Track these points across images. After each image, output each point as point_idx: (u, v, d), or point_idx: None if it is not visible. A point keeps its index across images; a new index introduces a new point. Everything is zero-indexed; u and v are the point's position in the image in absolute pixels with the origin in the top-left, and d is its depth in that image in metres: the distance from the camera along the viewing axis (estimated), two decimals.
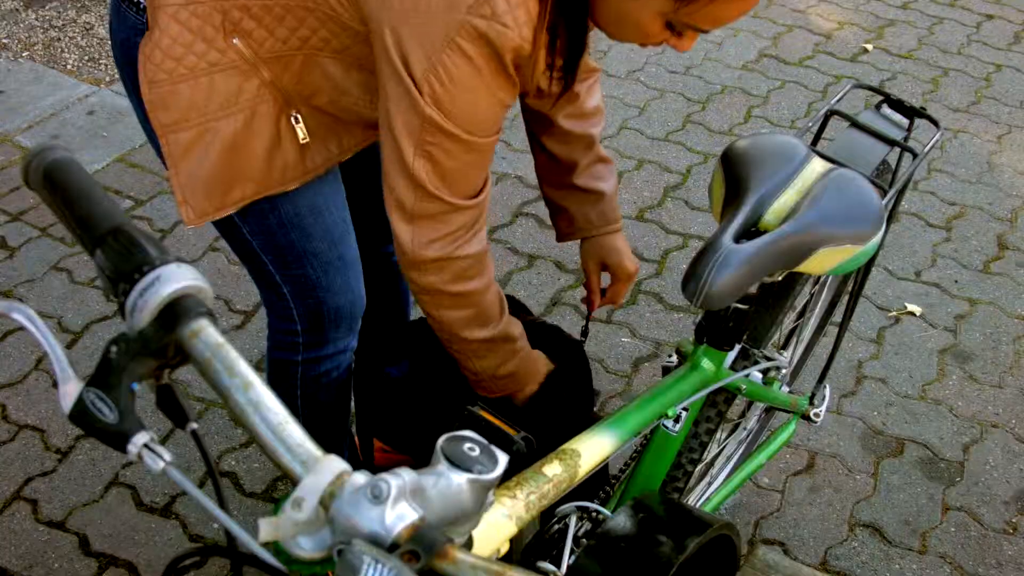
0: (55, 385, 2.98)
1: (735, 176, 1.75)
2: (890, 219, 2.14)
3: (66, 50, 4.50)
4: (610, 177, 2.16)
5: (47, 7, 4.81)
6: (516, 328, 1.90)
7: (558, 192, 2.16)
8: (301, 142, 1.75)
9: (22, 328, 1.10)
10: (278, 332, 2.14)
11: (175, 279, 0.97)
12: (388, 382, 2.20)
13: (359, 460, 2.51)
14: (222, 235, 1.98)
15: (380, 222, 2.29)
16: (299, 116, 1.72)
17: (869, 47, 4.65)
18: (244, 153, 1.73)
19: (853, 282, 2.36)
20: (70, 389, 0.96)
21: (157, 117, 1.70)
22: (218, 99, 1.69)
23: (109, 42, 4.50)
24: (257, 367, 3.01)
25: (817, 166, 1.78)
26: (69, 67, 4.39)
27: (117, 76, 4.29)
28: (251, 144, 1.72)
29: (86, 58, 4.44)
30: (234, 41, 1.65)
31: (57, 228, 3.50)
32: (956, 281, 3.44)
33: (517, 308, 2.23)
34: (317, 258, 1.96)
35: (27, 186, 1.13)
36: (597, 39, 4.49)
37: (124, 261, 1.00)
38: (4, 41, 4.58)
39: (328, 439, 2.30)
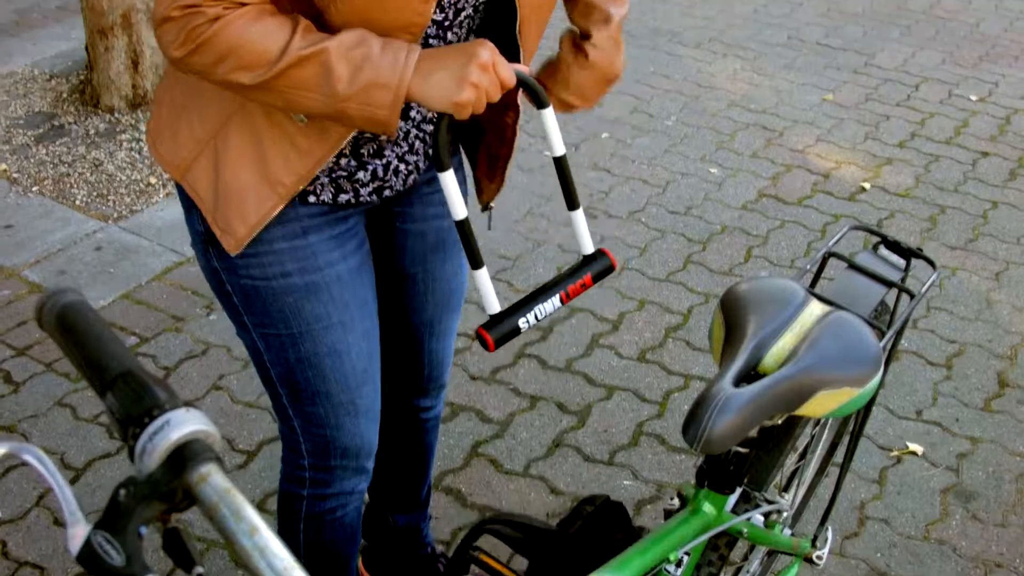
0: (57, 523, 2.98)
1: (734, 320, 1.77)
2: (889, 359, 2.16)
3: (75, 186, 4.56)
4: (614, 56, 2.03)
5: (57, 143, 4.89)
6: (320, 36, 1.61)
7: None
8: (300, 126, 1.73)
9: (25, 464, 1.12)
10: (287, 464, 2.16)
11: (184, 424, 0.99)
12: (394, 530, 2.21)
13: None
14: (252, 360, 2.02)
15: (412, 374, 2.33)
16: None
17: (867, 186, 4.72)
18: (254, 154, 1.76)
19: (854, 423, 2.37)
20: (78, 531, 0.97)
21: (172, 165, 1.82)
22: (211, 115, 1.76)
23: (117, 179, 4.58)
24: (259, 507, 3.01)
25: (815, 309, 1.81)
26: (78, 203, 4.45)
27: (125, 213, 4.36)
28: (257, 142, 1.75)
29: (95, 194, 4.50)
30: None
31: (62, 363, 3.52)
32: (957, 419, 3.45)
33: (617, 517, 2.18)
34: (330, 400, 1.99)
35: (40, 327, 1.15)
36: (599, 180, 4.56)
37: (134, 405, 1.02)
38: (14, 175, 4.64)
39: None
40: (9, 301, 3.83)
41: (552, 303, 1.77)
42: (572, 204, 1.83)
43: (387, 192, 1.94)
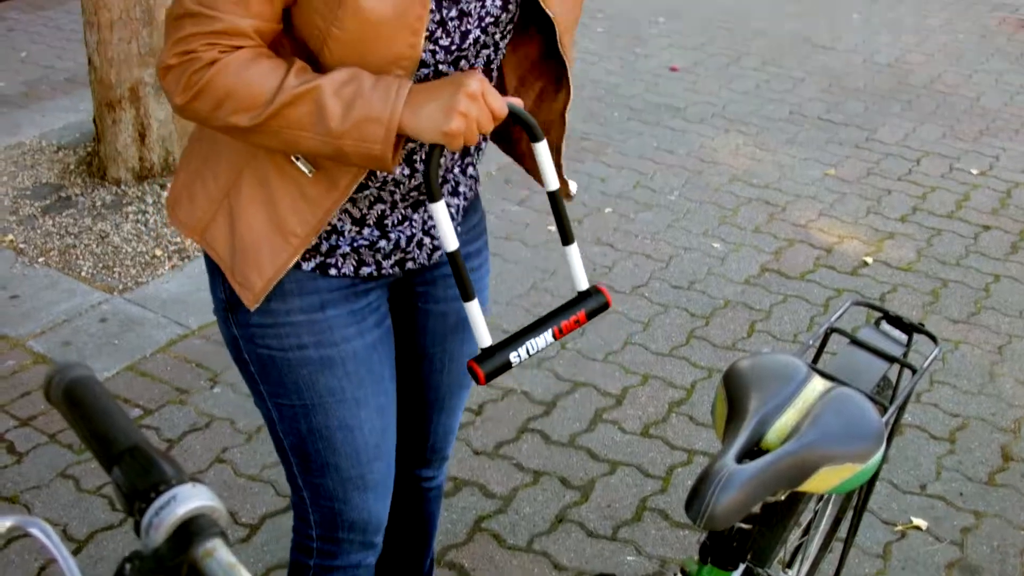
0: None
1: (737, 396, 1.78)
2: (892, 434, 2.16)
3: (81, 257, 4.59)
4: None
5: (64, 214, 4.92)
6: (314, 75, 1.64)
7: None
8: (308, 176, 1.76)
9: (27, 535, 1.12)
10: (297, 532, 2.18)
11: (190, 499, 1.00)
12: None
13: None
14: (267, 428, 2.04)
15: (416, 446, 2.34)
16: (297, 155, 1.75)
17: (869, 260, 4.74)
18: (266, 206, 1.79)
19: (857, 498, 2.37)
20: None
21: (191, 227, 1.86)
22: (223, 172, 1.81)
23: (123, 251, 4.61)
24: None
25: (817, 385, 1.82)
26: (83, 274, 4.47)
27: (130, 284, 4.38)
28: (267, 194, 1.78)
29: (100, 266, 4.52)
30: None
31: (65, 435, 3.52)
32: (961, 493, 3.44)
33: None
34: (339, 473, 2.00)
35: (47, 401, 1.17)
36: (603, 255, 4.57)
37: (141, 479, 1.03)
38: (21, 246, 4.67)
39: None
40: (13, 371, 3.84)
41: (544, 338, 1.77)
42: (566, 240, 1.84)
43: (410, 264, 1.96)
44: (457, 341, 2.19)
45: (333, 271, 1.88)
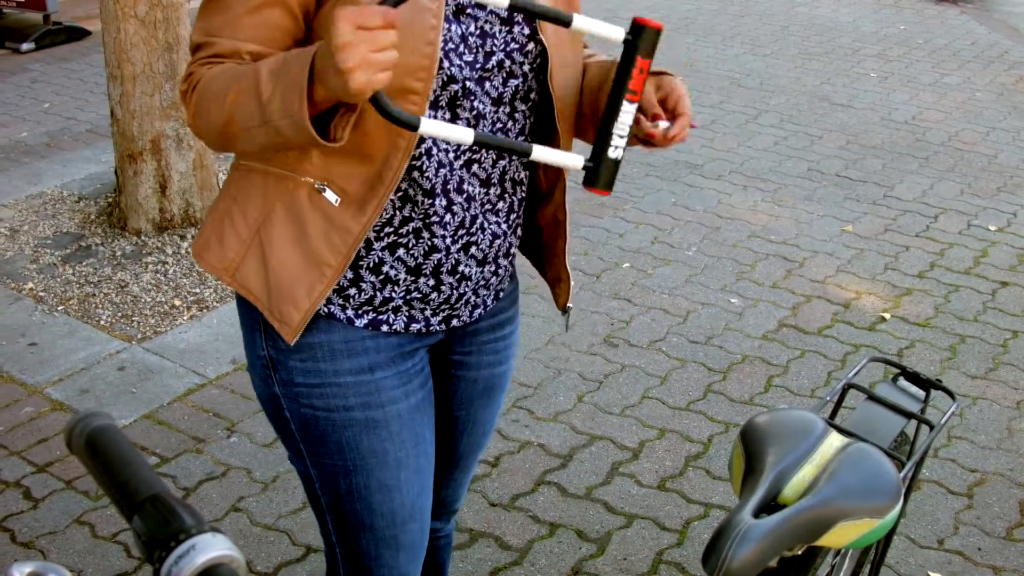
0: None
1: (754, 451, 1.79)
2: (910, 489, 2.16)
3: (100, 306, 4.61)
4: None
5: (84, 263, 4.95)
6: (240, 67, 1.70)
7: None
8: (336, 205, 1.79)
9: None
10: None
11: (210, 549, 1.01)
12: None
13: None
14: (303, 484, 2.06)
15: (433, 496, 2.34)
16: (323, 185, 1.78)
17: (887, 316, 4.73)
18: (298, 239, 1.82)
19: (874, 553, 2.37)
20: None
21: (221, 269, 1.89)
22: (252, 211, 1.84)
23: (142, 300, 4.63)
24: None
25: (835, 441, 1.82)
26: (102, 323, 4.49)
27: (149, 334, 4.40)
28: (299, 228, 1.81)
29: (119, 315, 4.55)
30: (240, 161, 1.88)
31: (82, 481, 3.53)
32: (979, 549, 3.42)
33: None
34: (374, 533, 2.01)
35: (68, 450, 1.18)
36: (621, 309, 4.58)
37: (161, 529, 1.04)
38: (40, 294, 4.70)
39: None
40: (31, 418, 3.86)
41: (627, 112, 1.64)
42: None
43: (455, 322, 1.98)
44: (482, 405, 2.20)
45: (385, 327, 1.90)
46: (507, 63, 1.80)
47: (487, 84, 1.80)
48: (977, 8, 10.12)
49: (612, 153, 1.64)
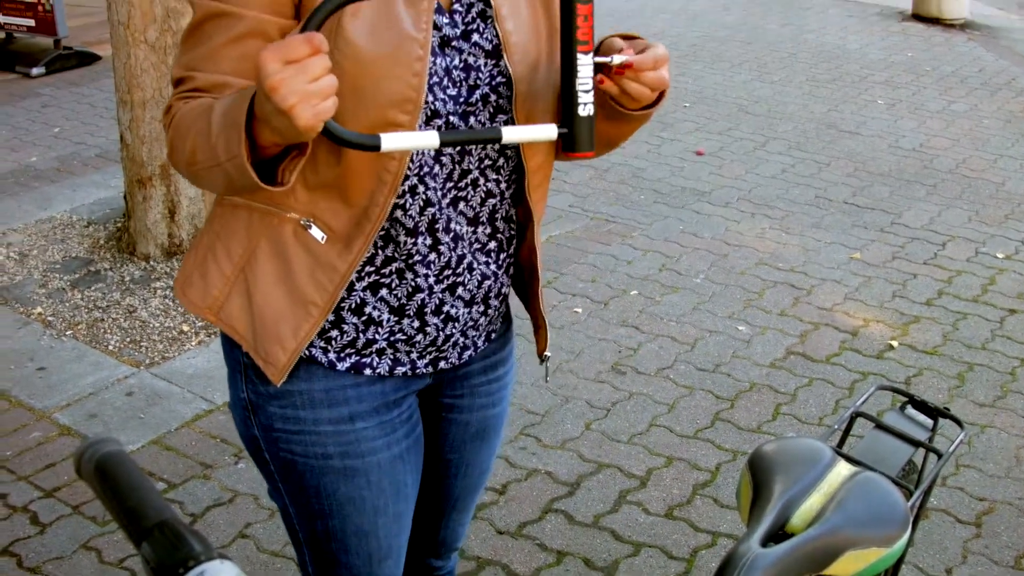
0: None
1: (762, 480, 1.79)
2: (918, 518, 2.15)
3: (108, 331, 4.63)
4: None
5: (93, 288, 4.96)
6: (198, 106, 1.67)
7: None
8: (322, 242, 1.77)
9: None
10: None
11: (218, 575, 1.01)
12: None
13: None
14: (282, 518, 2.05)
15: (428, 539, 2.33)
16: (309, 222, 1.76)
17: (895, 344, 4.73)
18: (284, 278, 1.79)
19: None
20: None
21: (205, 308, 1.86)
22: (236, 248, 1.81)
23: (151, 326, 4.64)
24: None
25: (842, 469, 1.82)
26: (111, 348, 4.50)
27: (157, 359, 4.41)
28: (284, 265, 1.79)
29: (128, 340, 4.55)
30: (225, 197, 1.85)
31: (89, 506, 3.53)
32: None
33: None
34: (349, 570, 2.00)
35: (78, 475, 1.18)
36: (628, 337, 4.58)
37: (169, 555, 1.04)
38: (49, 319, 4.71)
39: None
40: (39, 443, 3.86)
41: (586, 66, 1.56)
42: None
43: (443, 364, 1.95)
44: (476, 447, 2.17)
45: (368, 371, 1.87)
46: (492, 97, 1.77)
47: (472, 119, 1.75)
48: (984, 35, 10.14)
49: (583, 111, 1.57)
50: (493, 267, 1.91)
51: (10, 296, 4.93)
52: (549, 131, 1.58)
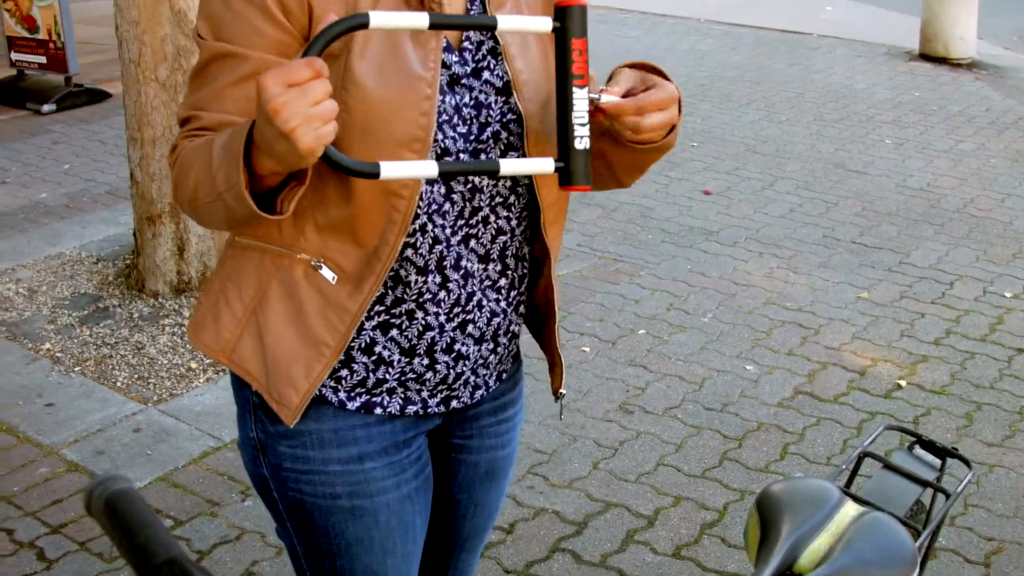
0: None
1: (770, 520, 1.78)
2: (926, 559, 2.15)
3: (117, 367, 4.63)
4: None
5: (101, 324, 4.98)
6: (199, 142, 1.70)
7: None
8: (332, 283, 1.77)
9: None
10: None
11: None
12: None
13: None
14: (289, 557, 2.05)
15: (437, 574, 2.32)
16: (319, 262, 1.77)
17: (903, 383, 4.72)
18: (295, 319, 1.80)
19: None
20: None
21: (217, 350, 1.86)
22: (248, 290, 1.82)
23: (159, 362, 4.65)
24: None
25: (850, 510, 1.82)
26: (119, 384, 4.51)
27: (165, 396, 4.41)
28: (296, 306, 1.79)
29: (136, 376, 4.56)
30: (236, 239, 1.86)
31: (96, 543, 3.53)
32: None
33: None
34: None
35: (87, 512, 1.18)
36: (636, 376, 4.57)
37: None
38: (57, 355, 4.72)
39: None
40: (46, 479, 3.87)
41: (581, 99, 1.57)
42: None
43: (454, 403, 1.95)
44: (485, 488, 2.17)
45: (379, 410, 1.87)
46: (503, 134, 1.78)
47: (482, 156, 1.77)
48: (991, 75, 10.17)
49: (579, 145, 1.57)
50: (503, 304, 1.92)
51: (19, 332, 4.94)
52: (546, 164, 1.59)
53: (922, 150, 7.96)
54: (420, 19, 1.48)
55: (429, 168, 1.51)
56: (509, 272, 1.91)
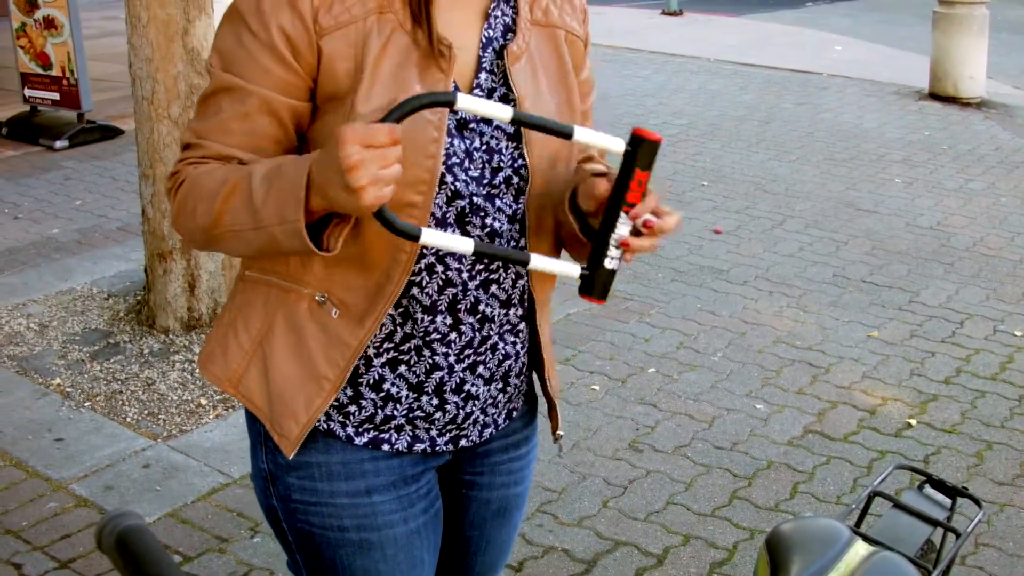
0: None
1: (779, 560, 1.78)
2: None
3: (127, 403, 4.64)
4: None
5: (112, 360, 4.99)
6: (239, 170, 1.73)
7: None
8: (335, 317, 1.80)
9: None
10: None
11: None
12: None
13: None
14: None
15: None
16: (323, 297, 1.79)
17: (913, 422, 4.71)
18: (297, 352, 1.82)
19: None
20: None
21: (225, 380, 1.90)
22: (255, 322, 1.85)
23: (169, 398, 4.65)
24: None
25: (860, 550, 1.82)
26: (128, 420, 4.51)
27: (174, 432, 4.41)
28: (298, 340, 1.82)
29: (145, 412, 4.57)
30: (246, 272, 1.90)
31: None
32: None
33: None
34: None
35: (98, 548, 1.19)
36: (646, 415, 4.57)
37: None
38: (67, 390, 4.73)
39: None
40: (55, 513, 3.87)
41: (623, 225, 1.66)
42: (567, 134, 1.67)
43: (463, 442, 1.96)
44: (496, 525, 2.16)
45: (386, 446, 1.88)
46: (515, 180, 1.80)
47: (498, 201, 1.79)
48: (1001, 114, 10.19)
49: (608, 264, 1.67)
50: (518, 346, 1.94)
51: (29, 367, 4.95)
52: (572, 269, 1.67)
53: (932, 189, 7.97)
54: (504, 111, 1.59)
55: (465, 245, 1.58)
56: (525, 315, 1.94)
